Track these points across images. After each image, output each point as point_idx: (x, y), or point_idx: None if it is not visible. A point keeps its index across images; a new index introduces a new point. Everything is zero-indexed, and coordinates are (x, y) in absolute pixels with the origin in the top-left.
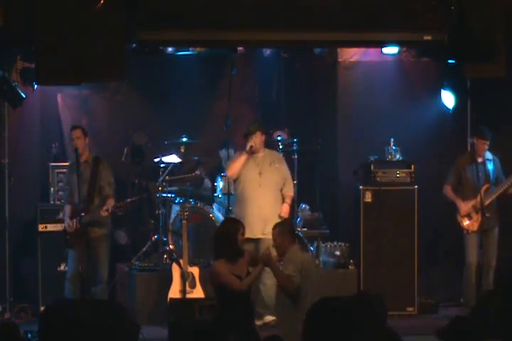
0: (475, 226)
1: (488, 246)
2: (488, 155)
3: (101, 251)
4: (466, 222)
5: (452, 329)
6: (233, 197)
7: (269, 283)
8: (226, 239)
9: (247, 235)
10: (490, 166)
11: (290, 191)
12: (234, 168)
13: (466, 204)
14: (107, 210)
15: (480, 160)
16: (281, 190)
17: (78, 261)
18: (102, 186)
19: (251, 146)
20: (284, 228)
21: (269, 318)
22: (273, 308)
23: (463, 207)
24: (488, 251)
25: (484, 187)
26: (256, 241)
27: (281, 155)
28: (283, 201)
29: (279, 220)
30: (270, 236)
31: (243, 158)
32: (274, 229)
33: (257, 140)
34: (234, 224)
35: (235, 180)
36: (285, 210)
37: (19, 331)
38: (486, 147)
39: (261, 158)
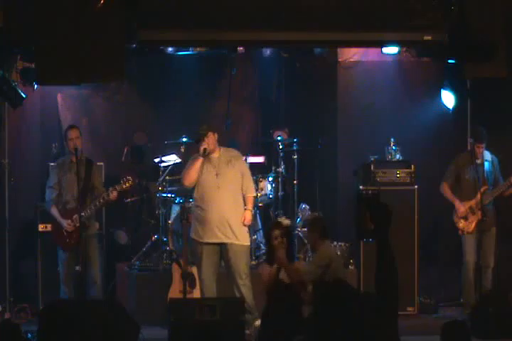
0: (470, 228)
1: (486, 246)
2: (487, 155)
3: (91, 251)
4: (461, 223)
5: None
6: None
7: (247, 283)
8: (267, 243)
9: (210, 240)
10: (487, 167)
11: (250, 191)
12: (190, 177)
13: (464, 205)
14: (115, 190)
15: (479, 161)
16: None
17: (70, 262)
18: (95, 186)
19: (204, 149)
20: (313, 226)
21: (258, 323)
22: (256, 310)
23: (460, 208)
24: (485, 252)
25: (482, 189)
26: (222, 246)
27: (238, 152)
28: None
29: (242, 225)
30: (237, 241)
31: (198, 163)
32: (304, 227)
33: (210, 141)
34: (270, 228)
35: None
36: (248, 218)
37: (20, 331)
38: (482, 149)
39: (217, 158)
